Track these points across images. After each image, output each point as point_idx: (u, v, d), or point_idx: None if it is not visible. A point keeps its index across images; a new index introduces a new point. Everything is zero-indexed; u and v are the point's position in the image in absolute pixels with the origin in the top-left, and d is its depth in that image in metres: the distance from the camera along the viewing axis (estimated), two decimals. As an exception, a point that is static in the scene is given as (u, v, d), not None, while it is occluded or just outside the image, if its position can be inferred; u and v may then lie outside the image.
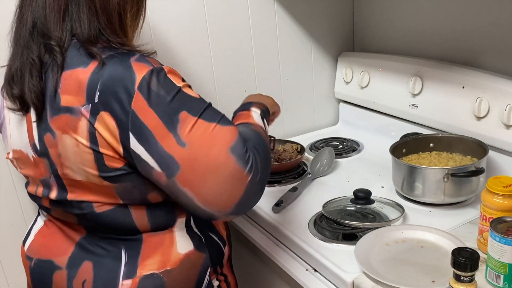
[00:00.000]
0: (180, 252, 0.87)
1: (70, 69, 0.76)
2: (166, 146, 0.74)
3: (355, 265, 0.92)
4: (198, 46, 1.41)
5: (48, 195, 0.85)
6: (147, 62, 0.75)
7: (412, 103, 1.40)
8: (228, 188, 0.77)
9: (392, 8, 1.52)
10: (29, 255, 0.94)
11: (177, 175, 0.75)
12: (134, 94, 0.72)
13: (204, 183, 0.76)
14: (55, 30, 0.77)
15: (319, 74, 1.68)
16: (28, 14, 0.79)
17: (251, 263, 1.28)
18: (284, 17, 1.54)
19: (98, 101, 0.73)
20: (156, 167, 0.75)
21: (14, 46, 0.82)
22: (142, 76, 0.73)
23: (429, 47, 1.42)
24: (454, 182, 1.07)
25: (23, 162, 0.87)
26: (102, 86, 0.73)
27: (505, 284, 0.81)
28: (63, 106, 0.76)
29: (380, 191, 1.21)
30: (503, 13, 1.20)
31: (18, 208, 1.26)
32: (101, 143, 0.75)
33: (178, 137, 0.74)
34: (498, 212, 0.88)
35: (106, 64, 0.74)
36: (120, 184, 0.79)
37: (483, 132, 1.20)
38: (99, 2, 0.78)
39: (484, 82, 1.19)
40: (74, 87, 0.75)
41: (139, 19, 0.88)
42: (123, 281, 0.84)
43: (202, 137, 0.75)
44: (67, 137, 0.76)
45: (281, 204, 1.18)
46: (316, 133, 1.70)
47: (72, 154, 0.77)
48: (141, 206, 0.84)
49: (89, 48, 0.76)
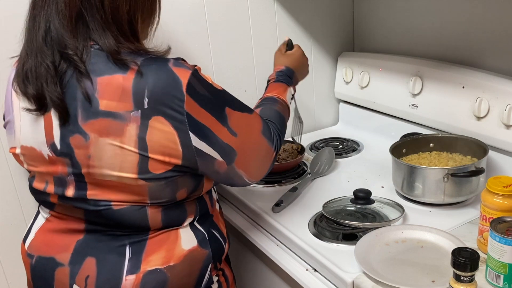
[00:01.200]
0: (184, 248, 0.89)
1: (105, 75, 0.78)
2: (223, 138, 0.85)
3: (355, 265, 0.92)
4: (198, 46, 1.41)
5: (63, 193, 0.86)
6: (184, 66, 0.81)
7: (412, 103, 1.40)
8: (264, 163, 0.97)
9: (392, 8, 1.52)
10: (30, 252, 0.94)
11: (235, 160, 0.88)
12: (185, 98, 0.78)
13: (251, 162, 0.93)
14: (70, 38, 0.79)
15: (319, 74, 1.68)
16: (41, 17, 0.80)
17: (251, 263, 1.28)
18: (284, 17, 1.54)
19: (148, 107, 0.77)
20: (218, 158, 0.85)
21: (27, 44, 0.83)
22: (187, 81, 0.79)
23: (429, 47, 1.42)
24: (454, 182, 1.07)
25: (33, 159, 0.87)
26: (150, 93, 0.77)
27: (505, 284, 0.81)
28: (103, 111, 0.78)
29: (380, 191, 1.21)
30: (503, 13, 1.20)
31: (18, 208, 1.26)
32: (151, 147, 0.79)
33: (230, 129, 0.86)
34: (498, 212, 0.88)
35: (146, 71, 0.78)
36: (154, 183, 0.82)
37: (483, 132, 1.20)
38: (109, 11, 0.80)
39: (484, 82, 1.19)
40: (115, 93, 0.78)
41: (152, 25, 0.91)
42: (126, 276, 0.85)
43: (245, 126, 0.90)
44: (106, 140, 0.78)
45: (281, 204, 1.18)
46: (316, 133, 1.70)
47: (108, 157, 0.79)
48: (159, 206, 0.86)
49: (118, 58, 0.79)
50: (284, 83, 1.16)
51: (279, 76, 1.18)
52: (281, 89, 1.14)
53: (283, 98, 1.12)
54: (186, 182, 0.86)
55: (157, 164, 0.80)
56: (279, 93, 1.12)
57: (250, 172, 0.93)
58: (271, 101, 1.10)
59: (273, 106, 1.08)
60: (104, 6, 0.79)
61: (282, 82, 1.16)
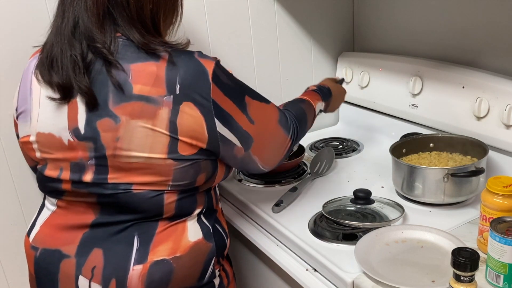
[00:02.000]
0: (190, 239, 0.92)
1: (138, 62, 0.84)
2: (243, 125, 0.90)
3: (355, 265, 0.92)
4: (197, 46, 1.41)
5: (79, 178, 0.88)
6: (208, 57, 0.88)
7: (412, 103, 1.40)
8: (278, 151, 1.01)
9: (392, 8, 1.52)
10: (34, 245, 0.95)
11: (252, 147, 0.93)
12: (211, 86, 0.85)
13: (266, 150, 0.98)
14: (98, 33, 0.84)
15: (319, 74, 1.68)
16: (70, 12, 0.85)
17: (251, 263, 1.28)
18: (284, 17, 1.54)
19: (179, 93, 0.83)
20: (237, 143, 0.90)
21: (54, 36, 0.87)
22: (212, 70, 0.86)
23: (429, 47, 1.42)
24: (454, 182, 1.07)
25: (50, 145, 0.89)
26: (182, 80, 0.83)
27: (505, 284, 0.81)
28: (136, 94, 0.82)
29: (380, 191, 1.21)
30: (503, 13, 1.20)
31: (18, 208, 1.26)
32: (180, 130, 0.84)
33: (249, 117, 0.91)
34: (498, 212, 0.88)
35: (177, 60, 0.84)
36: (181, 164, 0.86)
37: (483, 132, 1.20)
38: (134, 10, 0.85)
39: (484, 82, 1.19)
40: (149, 78, 0.83)
41: (174, 23, 0.97)
42: (134, 266, 0.87)
43: (262, 114, 0.95)
44: (137, 122, 0.82)
45: (281, 204, 1.18)
46: (316, 133, 1.70)
47: (139, 138, 0.83)
48: (174, 191, 0.89)
49: (150, 47, 0.85)
50: (320, 95, 1.21)
51: (319, 88, 1.24)
52: (315, 97, 1.19)
53: (312, 103, 1.16)
54: (207, 167, 0.91)
55: (185, 146, 0.85)
56: (311, 98, 1.17)
57: (264, 159, 0.98)
58: (299, 100, 1.16)
59: (299, 103, 1.14)
60: (129, 5, 0.85)
61: (318, 94, 1.21)
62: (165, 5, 0.91)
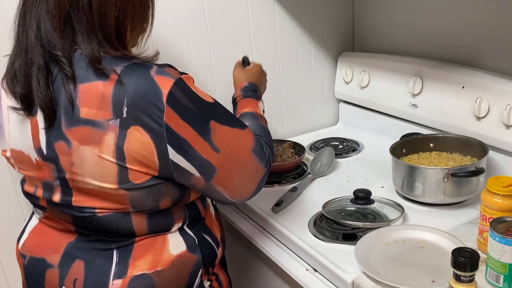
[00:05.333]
0: (172, 253, 0.87)
1: (86, 82, 0.76)
2: (203, 153, 0.80)
3: (355, 265, 0.92)
4: (198, 45, 1.41)
5: (50, 197, 0.85)
6: (167, 74, 0.77)
7: (412, 103, 1.40)
8: (250, 182, 0.92)
9: (392, 8, 1.52)
10: (22, 252, 0.94)
11: (214, 177, 0.83)
12: (165, 108, 0.75)
13: (234, 181, 0.88)
14: (58, 39, 0.77)
15: (319, 74, 1.68)
16: (32, 15, 0.78)
17: (251, 263, 1.28)
18: (284, 17, 1.54)
19: (127, 116, 0.74)
20: (195, 173, 0.81)
21: (17, 43, 0.81)
22: (168, 91, 0.75)
23: (429, 47, 1.42)
24: (454, 182, 1.07)
25: (23, 162, 0.87)
26: (130, 101, 0.74)
27: (505, 284, 0.81)
28: (83, 118, 0.76)
29: (380, 191, 1.21)
30: (503, 13, 1.20)
31: (18, 207, 1.26)
32: (128, 157, 0.76)
33: (213, 144, 0.81)
34: (498, 212, 0.88)
35: (127, 79, 0.75)
36: (136, 192, 0.80)
37: (483, 132, 1.20)
38: (97, 16, 0.78)
39: (484, 82, 1.19)
40: (95, 100, 0.75)
41: (143, 33, 0.88)
42: (113, 280, 0.84)
43: (231, 142, 0.85)
44: (86, 149, 0.77)
45: (281, 204, 1.18)
46: (316, 133, 1.70)
47: (89, 165, 0.77)
48: (143, 213, 0.84)
49: (98, 67, 0.76)
50: (254, 98, 1.12)
51: (245, 92, 1.14)
52: (254, 104, 1.10)
53: (260, 113, 1.08)
54: (170, 191, 0.84)
55: (136, 174, 0.78)
56: (254, 108, 1.08)
57: (232, 191, 0.88)
58: (250, 116, 1.05)
59: (256, 121, 1.03)
60: (92, 10, 0.77)
61: (251, 98, 1.12)
62: (134, 13, 0.82)
